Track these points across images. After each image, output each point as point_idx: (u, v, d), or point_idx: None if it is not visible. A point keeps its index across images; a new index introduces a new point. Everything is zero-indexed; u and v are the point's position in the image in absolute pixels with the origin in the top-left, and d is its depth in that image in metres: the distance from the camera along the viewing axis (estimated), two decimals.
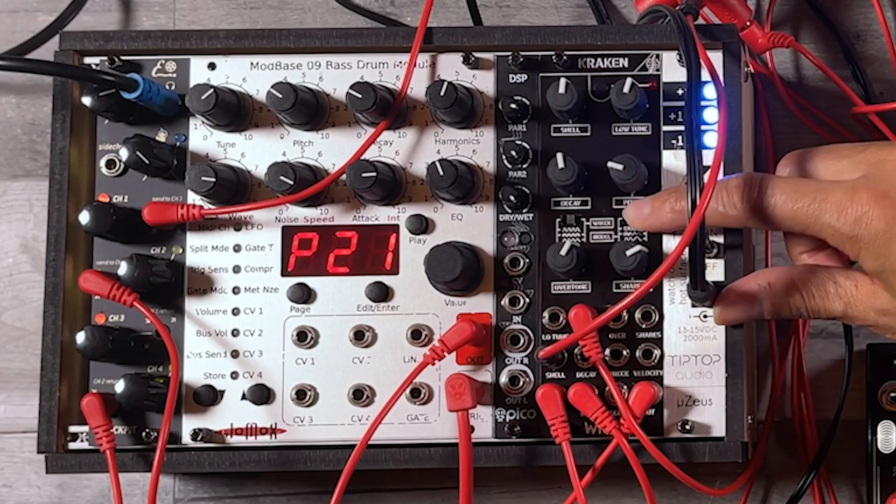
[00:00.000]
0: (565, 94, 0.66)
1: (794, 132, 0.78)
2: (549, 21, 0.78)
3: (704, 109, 0.67)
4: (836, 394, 0.75)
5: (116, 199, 0.68)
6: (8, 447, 0.76)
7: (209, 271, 0.68)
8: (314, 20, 0.79)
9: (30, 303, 0.76)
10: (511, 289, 0.68)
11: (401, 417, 0.67)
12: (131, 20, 0.79)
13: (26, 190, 0.77)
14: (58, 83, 0.68)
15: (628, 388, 0.66)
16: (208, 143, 0.68)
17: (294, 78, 0.68)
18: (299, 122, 0.67)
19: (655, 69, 0.68)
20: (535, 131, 0.68)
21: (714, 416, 0.67)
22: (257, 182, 0.68)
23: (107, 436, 0.65)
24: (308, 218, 0.68)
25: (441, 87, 0.65)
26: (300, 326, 0.67)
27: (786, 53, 0.78)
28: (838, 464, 0.75)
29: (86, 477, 0.75)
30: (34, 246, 0.76)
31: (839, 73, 0.75)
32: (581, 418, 0.66)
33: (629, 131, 0.68)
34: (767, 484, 0.76)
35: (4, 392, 0.76)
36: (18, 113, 0.78)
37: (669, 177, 0.68)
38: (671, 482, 0.71)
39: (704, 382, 0.67)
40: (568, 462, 0.65)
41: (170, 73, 0.69)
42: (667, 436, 0.67)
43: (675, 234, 0.67)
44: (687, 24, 0.65)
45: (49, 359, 0.66)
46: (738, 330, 0.66)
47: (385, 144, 0.68)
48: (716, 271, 0.67)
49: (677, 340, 0.67)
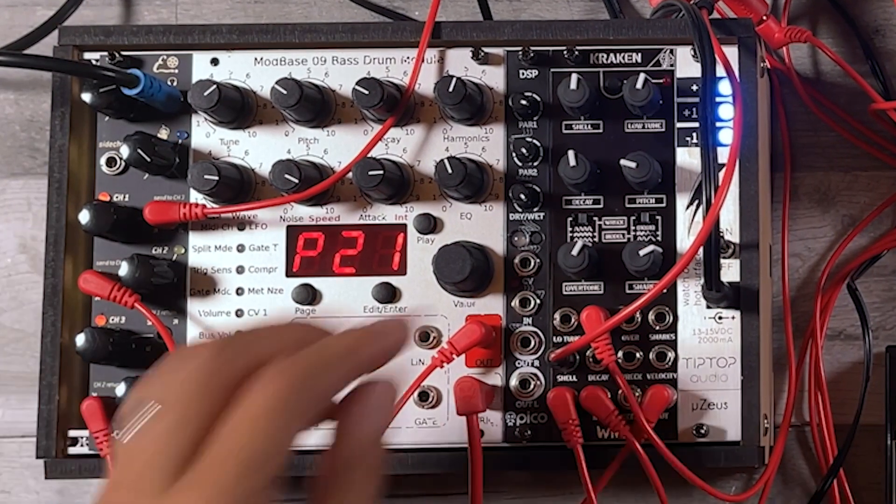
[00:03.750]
0: (577, 90, 0.65)
1: (812, 129, 0.77)
2: (561, 15, 0.78)
3: (719, 106, 0.67)
4: (854, 397, 0.74)
5: (117, 198, 0.68)
6: (6, 452, 0.75)
7: (212, 272, 0.68)
8: (320, 14, 0.79)
9: (28, 304, 0.76)
10: (521, 290, 0.67)
11: (408, 421, 0.67)
12: (132, 15, 0.78)
13: (25, 188, 0.77)
14: (57, 79, 0.67)
15: (642, 392, 0.66)
16: (211, 141, 0.68)
17: (299, 73, 0.68)
18: (304, 118, 0.67)
19: (669, 64, 0.68)
20: (546, 128, 0.68)
21: (729, 420, 0.66)
22: (261, 180, 0.68)
23: (107, 440, 0.65)
24: (313, 217, 0.68)
25: (450, 83, 0.65)
26: None
27: (803, 48, 0.78)
28: (857, 469, 0.75)
29: (86, 482, 0.74)
30: (33, 246, 0.76)
31: (858, 68, 0.75)
32: (593, 422, 0.66)
33: (642, 128, 0.68)
34: (784, 489, 0.76)
35: (2, 395, 0.76)
36: (17, 110, 0.77)
37: (683, 175, 0.67)
38: (685, 487, 0.71)
39: (719, 385, 0.66)
40: (580, 467, 0.64)
41: (172, 69, 0.68)
42: (681, 440, 0.66)
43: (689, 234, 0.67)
44: (701, 19, 0.65)
45: (48, 361, 0.66)
46: (754, 332, 0.66)
47: (392, 142, 0.68)
48: (731, 271, 0.66)
49: (692, 342, 0.67)
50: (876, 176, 0.76)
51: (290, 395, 0.46)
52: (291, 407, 0.46)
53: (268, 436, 0.45)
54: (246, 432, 0.45)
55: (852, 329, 0.76)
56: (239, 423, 0.45)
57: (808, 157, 0.76)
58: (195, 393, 0.46)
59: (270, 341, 0.49)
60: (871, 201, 0.76)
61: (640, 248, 0.65)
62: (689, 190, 0.67)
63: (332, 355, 0.49)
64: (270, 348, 0.48)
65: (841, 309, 0.75)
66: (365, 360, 0.51)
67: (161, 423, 0.45)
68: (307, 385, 0.47)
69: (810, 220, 0.76)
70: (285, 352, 0.48)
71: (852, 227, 0.76)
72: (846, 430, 0.74)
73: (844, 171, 0.76)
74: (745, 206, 0.67)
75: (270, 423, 0.45)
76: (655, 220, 0.67)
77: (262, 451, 0.45)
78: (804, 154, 0.77)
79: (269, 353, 0.47)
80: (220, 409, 0.46)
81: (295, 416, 0.46)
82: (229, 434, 0.45)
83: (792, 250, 0.76)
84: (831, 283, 0.75)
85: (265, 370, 0.47)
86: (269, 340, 0.49)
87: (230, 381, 0.46)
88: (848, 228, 0.76)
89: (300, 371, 0.47)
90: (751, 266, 0.66)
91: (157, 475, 0.44)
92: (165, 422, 0.45)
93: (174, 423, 0.45)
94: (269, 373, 0.46)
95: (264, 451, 0.45)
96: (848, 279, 0.75)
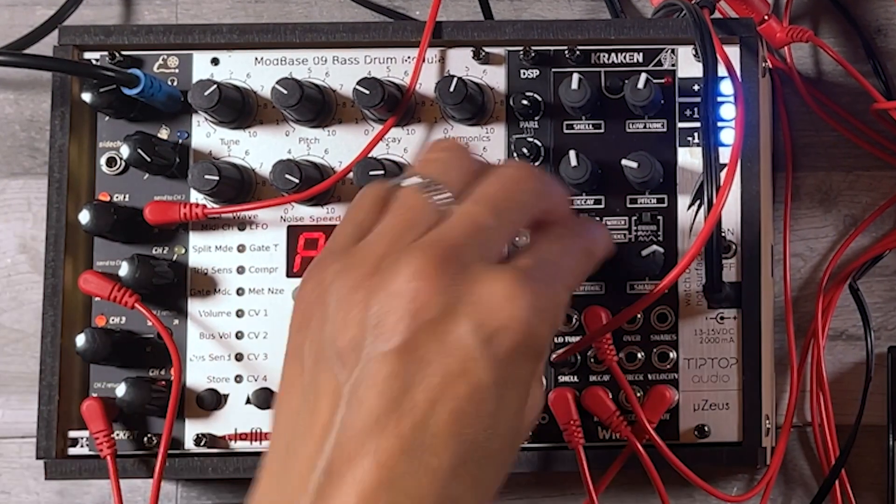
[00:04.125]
0: (578, 89, 0.65)
1: (814, 129, 0.77)
2: (562, 15, 0.78)
3: (721, 106, 0.66)
4: (856, 397, 0.74)
5: (117, 198, 0.68)
6: (6, 453, 0.75)
7: (212, 272, 0.67)
8: (320, 14, 0.78)
9: (28, 304, 0.75)
10: None
11: None
12: (132, 14, 0.78)
13: (25, 188, 0.76)
14: (57, 79, 0.67)
15: (643, 392, 0.66)
16: (211, 141, 0.68)
17: (300, 73, 0.68)
18: (305, 118, 0.67)
19: (671, 64, 0.68)
20: (548, 128, 0.68)
21: (731, 421, 0.66)
22: (262, 180, 0.68)
23: (107, 441, 0.65)
24: (314, 217, 0.68)
25: (451, 82, 0.65)
26: None
27: (805, 48, 0.77)
28: (859, 469, 0.74)
29: (86, 483, 0.75)
30: (33, 246, 0.76)
31: (860, 68, 0.74)
32: (595, 423, 0.66)
33: (644, 128, 0.67)
34: (786, 490, 0.75)
35: (2, 396, 0.76)
36: (17, 109, 0.77)
37: (685, 175, 0.67)
38: (687, 488, 0.71)
39: (721, 386, 0.66)
40: (582, 467, 0.64)
41: (172, 69, 0.68)
42: (682, 441, 0.66)
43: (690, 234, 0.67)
44: (703, 18, 0.65)
45: (48, 362, 0.66)
46: (756, 332, 0.66)
47: (393, 142, 0.68)
48: (732, 271, 0.66)
49: (693, 343, 0.67)
50: (878, 176, 0.76)
51: (535, 175, 0.53)
52: (539, 181, 0.53)
53: (518, 191, 0.52)
54: (496, 182, 0.52)
55: (854, 329, 0.76)
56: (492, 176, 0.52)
57: (809, 156, 0.76)
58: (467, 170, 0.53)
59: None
60: (873, 201, 0.76)
61: (642, 249, 0.65)
62: (691, 190, 0.67)
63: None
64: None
65: (843, 309, 0.75)
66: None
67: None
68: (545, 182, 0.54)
69: (812, 220, 0.76)
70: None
71: (854, 227, 0.75)
72: (848, 430, 0.73)
73: (846, 171, 0.76)
74: (746, 206, 0.66)
75: (520, 184, 0.52)
76: (657, 221, 0.67)
77: (510, 197, 0.52)
78: (806, 154, 0.76)
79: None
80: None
81: (534, 196, 0.53)
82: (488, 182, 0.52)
83: (793, 250, 0.76)
84: (833, 284, 0.75)
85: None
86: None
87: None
88: (850, 228, 0.76)
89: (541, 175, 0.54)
90: (752, 266, 0.66)
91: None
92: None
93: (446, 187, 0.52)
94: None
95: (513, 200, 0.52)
96: (850, 279, 0.75)
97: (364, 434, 0.45)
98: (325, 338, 0.47)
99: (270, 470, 0.48)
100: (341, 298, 0.47)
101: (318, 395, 0.47)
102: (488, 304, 0.47)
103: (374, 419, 0.45)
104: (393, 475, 0.44)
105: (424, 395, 0.46)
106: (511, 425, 0.48)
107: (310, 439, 0.46)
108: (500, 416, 0.47)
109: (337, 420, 0.46)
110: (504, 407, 0.47)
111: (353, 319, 0.47)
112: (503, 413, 0.47)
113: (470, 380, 0.46)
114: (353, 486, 0.44)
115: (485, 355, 0.46)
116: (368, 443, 0.45)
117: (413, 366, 0.46)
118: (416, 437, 0.45)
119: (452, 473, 0.46)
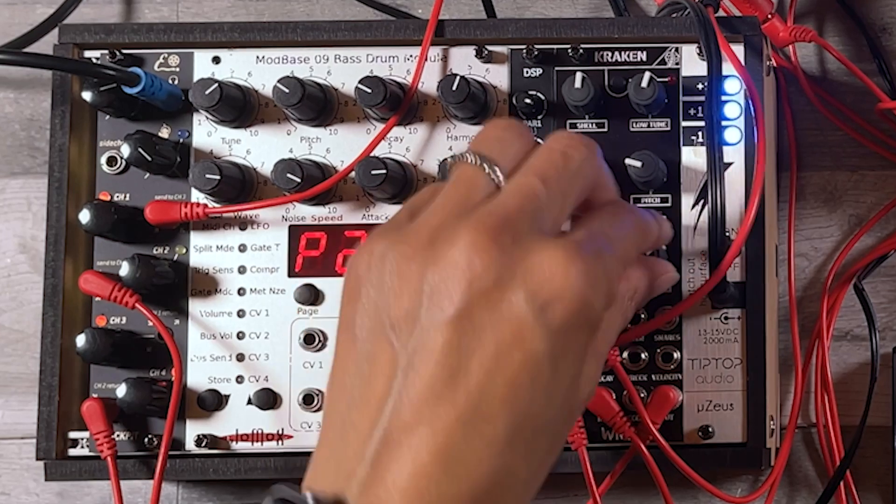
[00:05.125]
0: (581, 88, 0.65)
1: (818, 128, 0.77)
2: (565, 13, 0.78)
3: (725, 104, 0.67)
4: (861, 398, 0.74)
5: (118, 198, 0.68)
6: (6, 453, 0.75)
7: (213, 272, 0.67)
8: (322, 12, 0.78)
9: (28, 304, 0.75)
10: None
11: None
12: (133, 12, 0.78)
13: (24, 188, 0.76)
14: (57, 78, 0.67)
15: (647, 393, 0.66)
16: (212, 140, 0.68)
17: (301, 72, 0.68)
18: (307, 117, 0.67)
19: (675, 63, 0.68)
20: (551, 127, 0.67)
21: (735, 422, 0.66)
22: (263, 180, 0.67)
23: (108, 442, 0.65)
24: (316, 217, 0.67)
25: (453, 81, 0.65)
26: (308, 329, 0.67)
27: (809, 47, 0.77)
28: (864, 470, 0.74)
29: (86, 484, 0.75)
30: (33, 246, 0.76)
31: (864, 67, 0.75)
32: (598, 423, 0.66)
33: (647, 127, 0.67)
34: (790, 491, 0.75)
35: (2, 397, 0.75)
36: (16, 108, 0.77)
37: (689, 174, 0.67)
38: (691, 489, 0.71)
39: (725, 386, 0.66)
40: (585, 469, 0.64)
41: (173, 68, 0.68)
42: (686, 441, 0.66)
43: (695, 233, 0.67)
44: (707, 17, 0.65)
45: (48, 362, 0.66)
46: (760, 332, 0.66)
47: (395, 141, 0.68)
48: (736, 271, 0.66)
49: (697, 343, 0.66)
50: (883, 175, 0.76)
51: (583, 143, 0.55)
52: (587, 149, 0.55)
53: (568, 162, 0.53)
54: (545, 154, 0.53)
55: (859, 330, 0.76)
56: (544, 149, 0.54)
57: (814, 156, 0.76)
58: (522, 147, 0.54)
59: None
60: (878, 200, 0.76)
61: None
62: (695, 189, 0.67)
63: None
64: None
65: (847, 309, 0.75)
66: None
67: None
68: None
69: (817, 219, 0.76)
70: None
71: (859, 227, 0.75)
72: (853, 431, 0.73)
73: (851, 171, 0.76)
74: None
75: (568, 152, 0.53)
76: None
77: (561, 166, 0.53)
78: (810, 153, 0.76)
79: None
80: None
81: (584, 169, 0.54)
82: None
83: (798, 250, 0.76)
84: (838, 284, 0.75)
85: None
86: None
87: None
88: (855, 228, 0.75)
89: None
90: (757, 266, 0.66)
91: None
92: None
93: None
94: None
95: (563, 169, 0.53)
96: (855, 279, 0.74)
97: (420, 403, 0.46)
98: (380, 308, 0.48)
99: (327, 439, 0.49)
100: (395, 269, 0.48)
101: (373, 365, 0.48)
102: (541, 274, 0.48)
103: (430, 388, 0.46)
104: (449, 443, 0.45)
105: (479, 364, 0.46)
106: (565, 396, 0.49)
107: (366, 409, 0.47)
108: (554, 386, 0.48)
109: (393, 389, 0.47)
110: (558, 378, 0.48)
111: (408, 289, 0.47)
112: (557, 384, 0.48)
113: (524, 349, 0.47)
114: (409, 453, 0.45)
115: (539, 324, 0.47)
116: (425, 412, 0.46)
117: (468, 335, 0.46)
118: (471, 405, 0.46)
119: (507, 442, 0.46)
